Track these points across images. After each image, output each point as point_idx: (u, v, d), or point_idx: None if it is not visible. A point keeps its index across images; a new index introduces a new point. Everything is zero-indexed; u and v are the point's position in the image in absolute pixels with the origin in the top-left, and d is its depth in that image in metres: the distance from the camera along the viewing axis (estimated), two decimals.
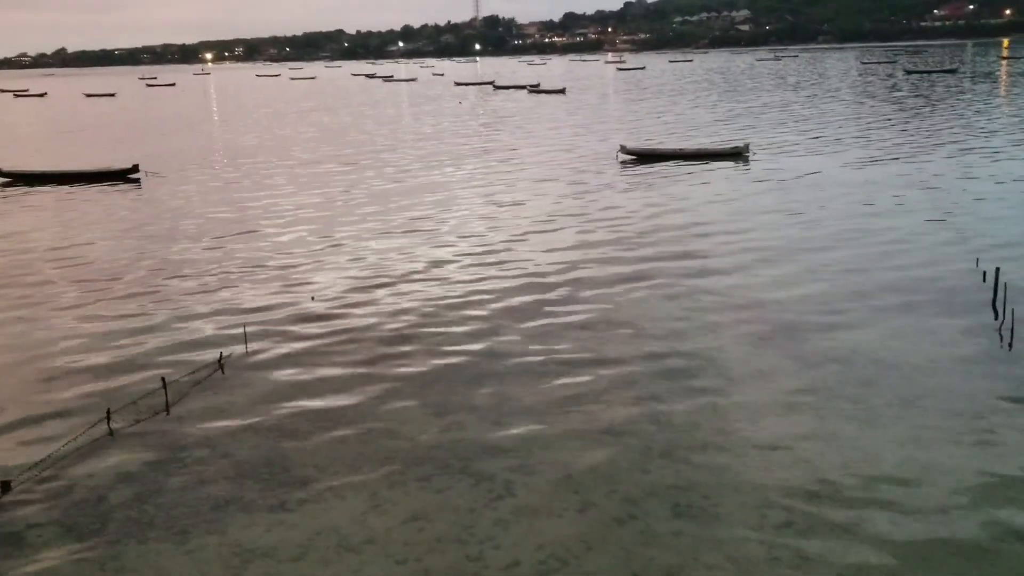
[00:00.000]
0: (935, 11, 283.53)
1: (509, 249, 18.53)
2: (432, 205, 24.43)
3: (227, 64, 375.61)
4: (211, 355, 12.38)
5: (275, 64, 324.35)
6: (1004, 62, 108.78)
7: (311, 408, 10.64)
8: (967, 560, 7.18)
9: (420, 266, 17.37)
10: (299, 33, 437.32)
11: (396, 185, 28.45)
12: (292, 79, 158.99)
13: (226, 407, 10.75)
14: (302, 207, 24.77)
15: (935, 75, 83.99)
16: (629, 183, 26.96)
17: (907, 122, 41.93)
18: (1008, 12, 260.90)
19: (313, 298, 15.21)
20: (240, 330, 13.33)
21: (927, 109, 48.57)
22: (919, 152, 31.22)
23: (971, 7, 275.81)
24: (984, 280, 14.46)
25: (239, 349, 12.68)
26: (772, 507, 8.04)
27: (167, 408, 10.70)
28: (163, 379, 11.13)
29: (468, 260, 17.70)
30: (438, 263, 17.56)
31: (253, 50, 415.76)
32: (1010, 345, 11.82)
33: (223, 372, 11.90)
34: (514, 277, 16.26)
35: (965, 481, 8.37)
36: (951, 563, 7.15)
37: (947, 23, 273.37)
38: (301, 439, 9.82)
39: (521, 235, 19.85)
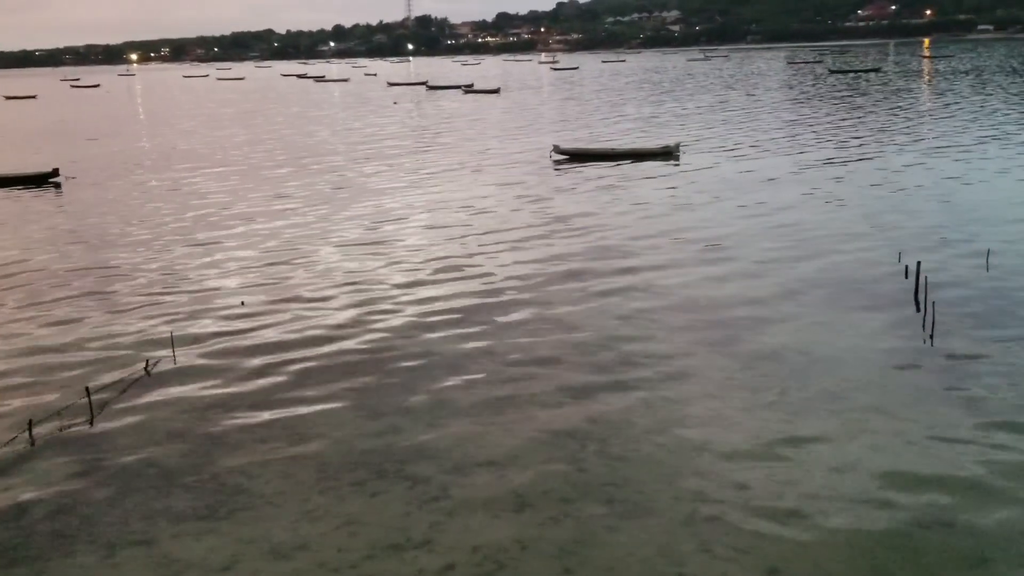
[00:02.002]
0: (859, 12, 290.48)
1: (442, 251, 18.47)
2: (365, 208, 24.24)
3: (153, 65, 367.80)
4: (137, 363, 12.10)
5: (203, 64, 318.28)
6: (925, 61, 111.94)
7: (241, 414, 10.46)
8: (894, 549, 7.35)
9: (352, 270, 17.21)
10: (227, 33, 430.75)
11: (329, 188, 28.16)
12: (220, 79, 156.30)
13: (152, 415, 10.51)
14: (232, 212, 24.37)
15: (859, 74, 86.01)
16: (562, 183, 27.07)
17: (832, 121, 42.85)
18: (928, 13, 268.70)
19: (243, 303, 14.96)
20: (167, 337, 13.04)
21: (852, 108, 49.71)
22: (844, 150, 31.94)
23: (893, 8, 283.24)
24: (906, 275, 14.84)
25: (166, 356, 12.41)
26: (705, 501, 8.13)
27: (91, 418, 10.42)
28: (87, 388, 10.84)
29: (400, 262, 17.59)
30: (370, 266, 17.42)
31: (180, 50, 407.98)
32: (931, 337, 12.14)
33: (149, 378, 11.63)
34: (447, 278, 16.20)
35: (891, 471, 8.57)
36: (878, 552, 7.31)
37: (870, 23, 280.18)
38: (231, 446, 9.64)
39: (454, 236, 19.79)
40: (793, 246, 17.63)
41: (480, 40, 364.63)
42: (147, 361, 12.10)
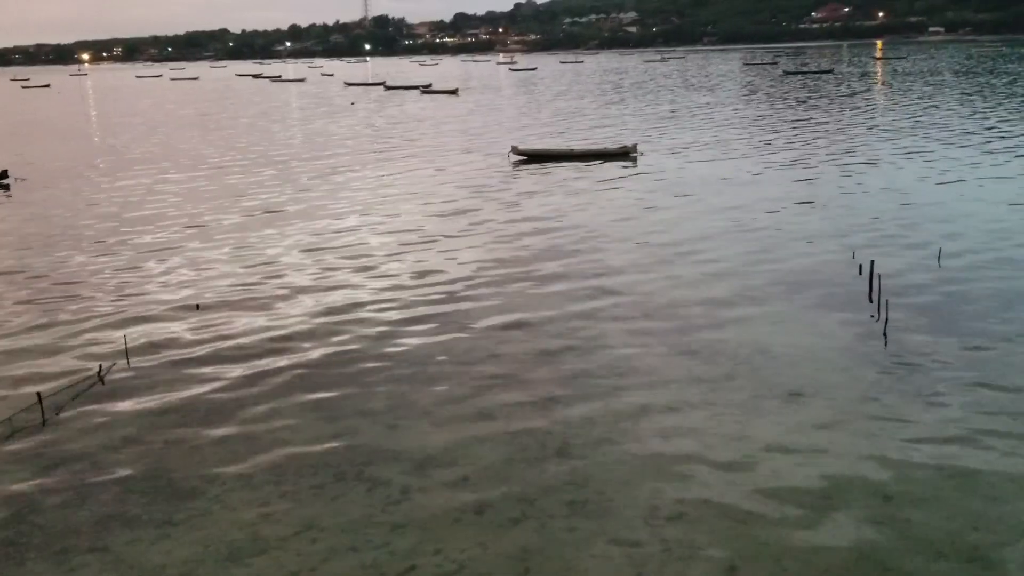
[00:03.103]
0: (813, 14, 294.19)
1: (401, 252, 18.40)
2: (323, 209, 24.07)
3: (105, 65, 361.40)
4: (90, 367, 11.89)
5: (156, 64, 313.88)
6: (879, 63, 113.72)
7: (197, 418, 10.33)
8: (850, 547, 7.44)
9: (310, 272, 17.07)
10: (181, 32, 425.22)
11: (285, 190, 27.91)
12: (174, 80, 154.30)
13: (106, 420, 10.34)
14: (185, 214, 24.06)
15: (813, 76, 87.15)
16: (520, 184, 27.09)
17: (787, 121, 43.37)
18: (881, 15, 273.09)
19: (198, 306, 14.76)
20: (120, 340, 12.84)
21: (807, 109, 50.34)
22: (799, 150, 32.34)
23: (846, 10, 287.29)
24: (860, 273, 15.05)
25: (120, 361, 12.21)
26: (664, 499, 8.18)
27: (43, 424, 10.23)
28: (38, 394, 10.63)
29: (359, 264, 17.48)
30: (328, 268, 17.29)
31: (133, 50, 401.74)
32: (884, 334, 12.33)
33: (103, 384, 11.44)
34: (405, 281, 16.14)
35: (848, 469, 8.69)
36: (836, 550, 7.40)
37: (824, 25, 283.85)
38: (186, 450, 9.52)
39: (411, 239, 19.72)
40: (749, 246, 17.80)
41: (438, 40, 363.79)
42: (100, 366, 11.89)
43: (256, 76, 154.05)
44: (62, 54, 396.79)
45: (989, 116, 41.81)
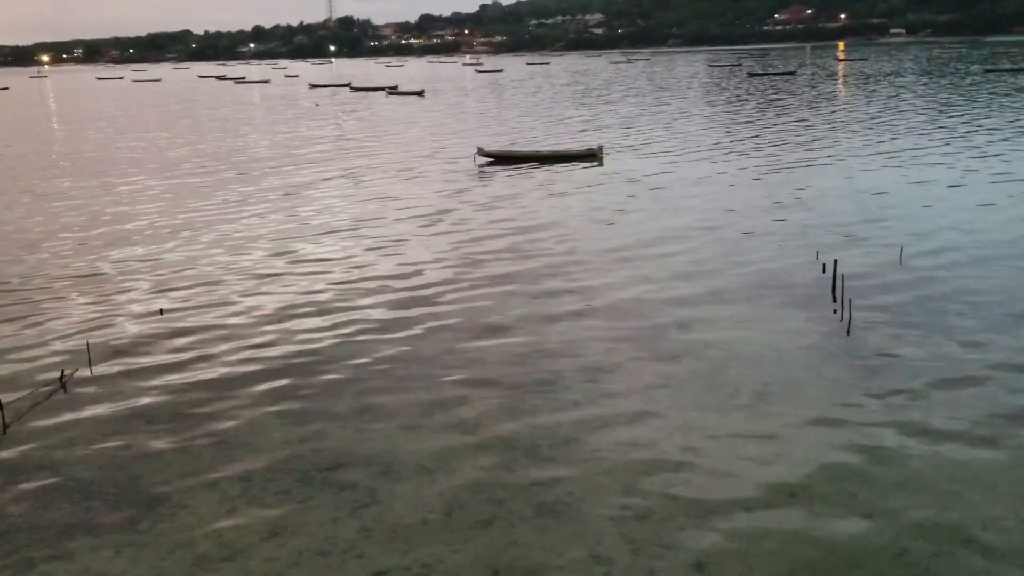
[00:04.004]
0: (776, 16, 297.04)
1: (367, 255, 18.33)
2: (288, 212, 23.92)
3: (66, 66, 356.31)
4: (52, 374, 11.72)
5: (118, 66, 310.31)
6: (841, 64, 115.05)
7: (161, 424, 10.22)
8: (817, 544, 7.52)
9: (275, 276, 16.95)
10: (143, 34, 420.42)
11: (249, 193, 27.69)
12: (136, 81, 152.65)
13: (69, 427, 10.20)
14: (149, 217, 23.80)
15: (776, 77, 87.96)
16: (486, 186, 27.08)
17: (752, 123, 43.75)
18: (843, 16, 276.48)
19: (162, 311, 14.60)
20: (83, 347, 12.67)
21: (771, 110, 50.80)
22: (763, 151, 32.62)
23: (809, 12, 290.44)
24: (824, 271, 15.22)
25: (83, 366, 12.05)
26: (632, 499, 8.22)
27: (4, 432, 10.06)
28: None
29: (325, 267, 17.39)
30: (294, 272, 17.18)
31: (94, 51, 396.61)
32: (848, 332, 12.48)
33: (65, 391, 11.29)
34: (373, 283, 16.07)
35: (814, 465, 8.77)
36: (802, 547, 7.47)
37: (788, 27, 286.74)
38: (151, 457, 9.41)
39: (379, 241, 19.66)
40: (715, 246, 17.93)
41: (404, 42, 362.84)
42: (63, 372, 11.73)
43: (219, 78, 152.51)
44: (21, 56, 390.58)
45: (951, 116, 42.42)
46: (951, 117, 42.09)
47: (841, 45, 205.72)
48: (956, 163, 27.77)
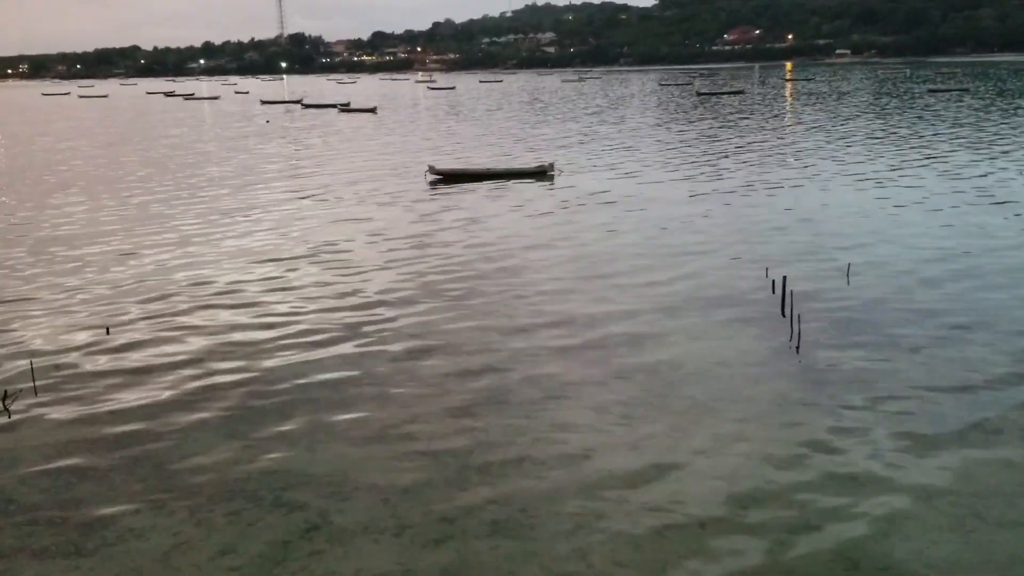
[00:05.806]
0: (725, 36, 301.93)
1: (317, 273, 18.18)
2: (237, 230, 23.65)
3: (10, 82, 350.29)
4: None
5: (64, 82, 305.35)
6: (788, 84, 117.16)
7: (107, 446, 10.00)
8: (768, 557, 7.58)
9: (222, 294, 16.72)
10: (91, 49, 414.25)
11: (196, 210, 27.35)
12: (82, 97, 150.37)
13: (11, 450, 9.94)
14: (94, 236, 23.37)
15: (725, 96, 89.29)
16: (437, 203, 27.05)
17: (703, 140, 44.31)
18: (790, 37, 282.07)
19: (108, 330, 14.33)
20: (26, 367, 12.38)
21: (721, 128, 51.50)
22: (713, 169, 33.04)
23: (757, 32, 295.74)
24: (773, 290, 15.41)
25: (26, 387, 11.77)
26: (586, 515, 8.22)
27: None
28: None
29: (274, 286, 17.21)
30: (243, 290, 16.98)
31: (40, 67, 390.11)
32: (797, 348, 12.65)
33: (8, 414, 11.01)
34: (322, 301, 15.94)
35: (763, 476, 8.86)
36: (754, 561, 7.52)
37: (736, 48, 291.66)
38: (97, 479, 9.21)
39: (329, 258, 19.51)
40: (666, 263, 18.08)
41: (356, 59, 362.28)
42: (5, 393, 11.44)
43: (168, 94, 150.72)
44: None
45: (897, 134, 43.36)
46: (898, 135, 43.04)
47: (788, 65, 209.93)
48: (903, 179, 28.38)
